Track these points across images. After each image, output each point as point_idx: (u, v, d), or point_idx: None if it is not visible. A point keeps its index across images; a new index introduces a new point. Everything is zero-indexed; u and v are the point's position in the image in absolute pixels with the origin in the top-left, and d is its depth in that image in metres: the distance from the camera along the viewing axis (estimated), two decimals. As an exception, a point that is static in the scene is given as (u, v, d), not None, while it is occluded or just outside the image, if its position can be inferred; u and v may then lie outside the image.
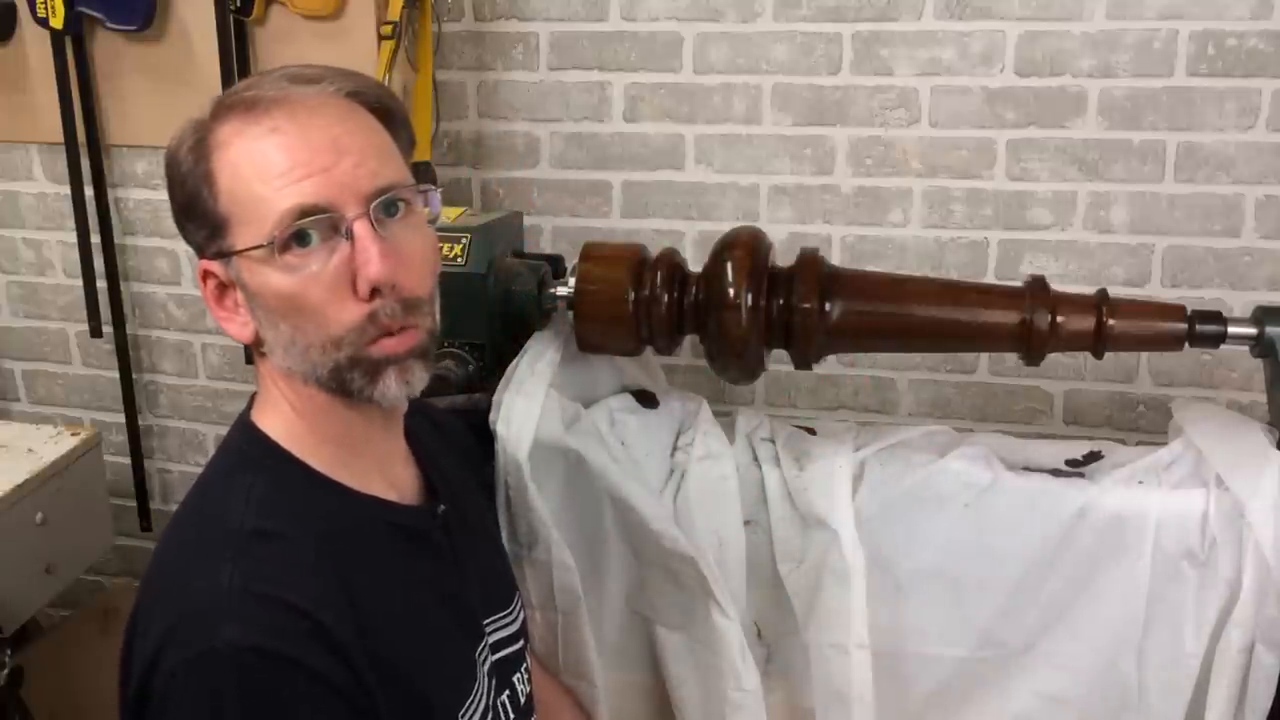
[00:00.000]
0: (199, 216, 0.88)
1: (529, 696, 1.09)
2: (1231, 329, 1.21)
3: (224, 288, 0.90)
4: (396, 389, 0.89)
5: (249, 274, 0.87)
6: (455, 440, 1.16)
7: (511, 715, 1.03)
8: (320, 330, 0.86)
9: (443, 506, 1.00)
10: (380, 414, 0.93)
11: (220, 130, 0.87)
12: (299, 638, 0.81)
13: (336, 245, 0.85)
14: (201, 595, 0.82)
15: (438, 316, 0.93)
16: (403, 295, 0.87)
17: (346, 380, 0.88)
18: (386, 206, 0.87)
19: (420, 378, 0.90)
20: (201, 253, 0.90)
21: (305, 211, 0.84)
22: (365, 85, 0.92)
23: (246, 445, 0.93)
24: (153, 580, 0.88)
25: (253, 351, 0.94)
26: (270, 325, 0.88)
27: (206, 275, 0.90)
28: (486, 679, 0.99)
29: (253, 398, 0.97)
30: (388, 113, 0.92)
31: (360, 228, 0.85)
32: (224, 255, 0.87)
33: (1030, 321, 1.22)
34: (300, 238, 0.84)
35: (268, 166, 0.85)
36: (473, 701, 0.95)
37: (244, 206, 0.85)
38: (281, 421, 0.92)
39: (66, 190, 1.86)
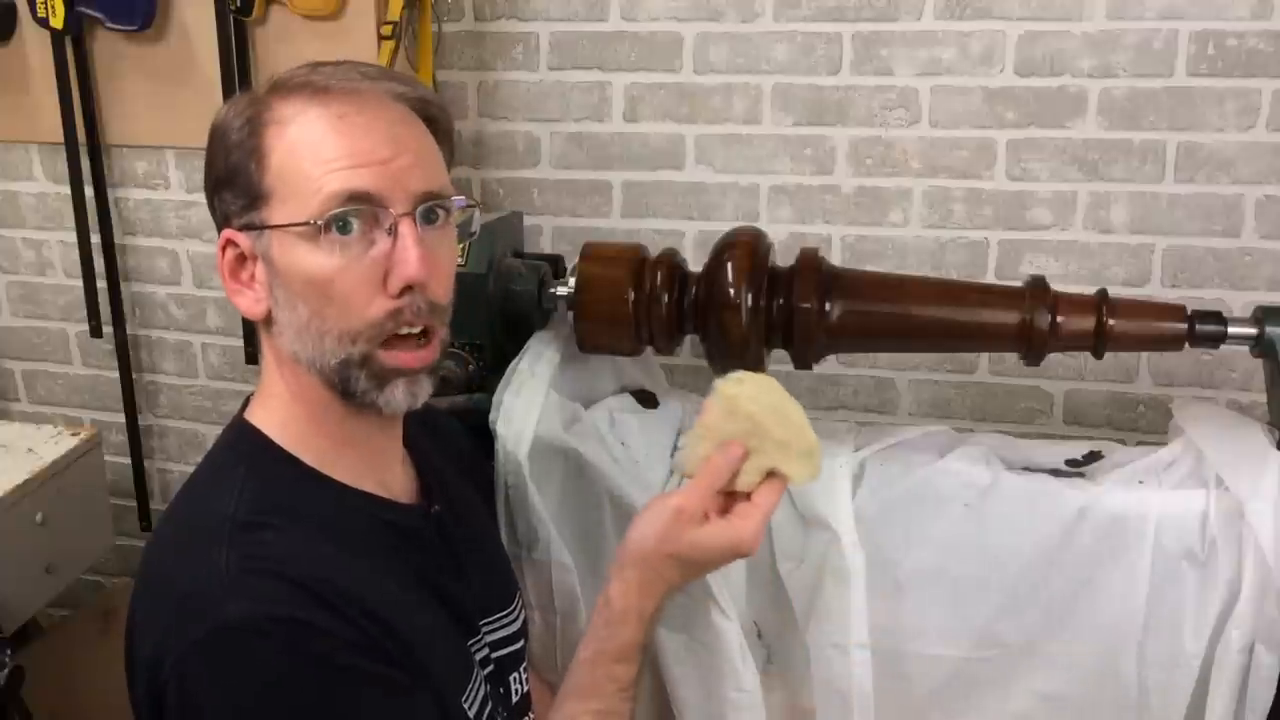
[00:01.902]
0: (238, 186, 0.88)
1: (525, 695, 1.09)
2: (1231, 329, 1.22)
3: (242, 260, 0.90)
4: (402, 400, 0.90)
5: (280, 250, 0.87)
6: (453, 442, 1.16)
7: (507, 715, 1.04)
8: (341, 319, 0.87)
9: (436, 507, 1.00)
10: (378, 415, 0.93)
11: (280, 108, 0.87)
12: (306, 604, 0.82)
13: (376, 238, 0.87)
14: (200, 581, 0.83)
15: (449, 326, 0.94)
16: (428, 299, 0.89)
17: (351, 379, 0.88)
18: (429, 212, 0.89)
19: (426, 390, 0.92)
20: (227, 222, 0.90)
21: (354, 197, 0.85)
22: (426, 94, 0.93)
23: (239, 441, 0.93)
24: (148, 576, 0.89)
25: (259, 331, 0.94)
26: (288, 305, 0.88)
27: (227, 245, 0.90)
28: (482, 675, 0.99)
29: (248, 398, 0.97)
30: (435, 123, 0.94)
31: (405, 226, 0.87)
32: (256, 228, 0.88)
33: (1030, 321, 1.22)
34: (342, 222, 0.85)
35: (325, 149, 0.86)
36: (472, 689, 0.96)
37: (290, 183, 0.86)
38: (276, 416, 0.93)
39: (66, 190, 1.86)
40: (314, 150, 0.86)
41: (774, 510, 1.01)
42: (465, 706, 0.94)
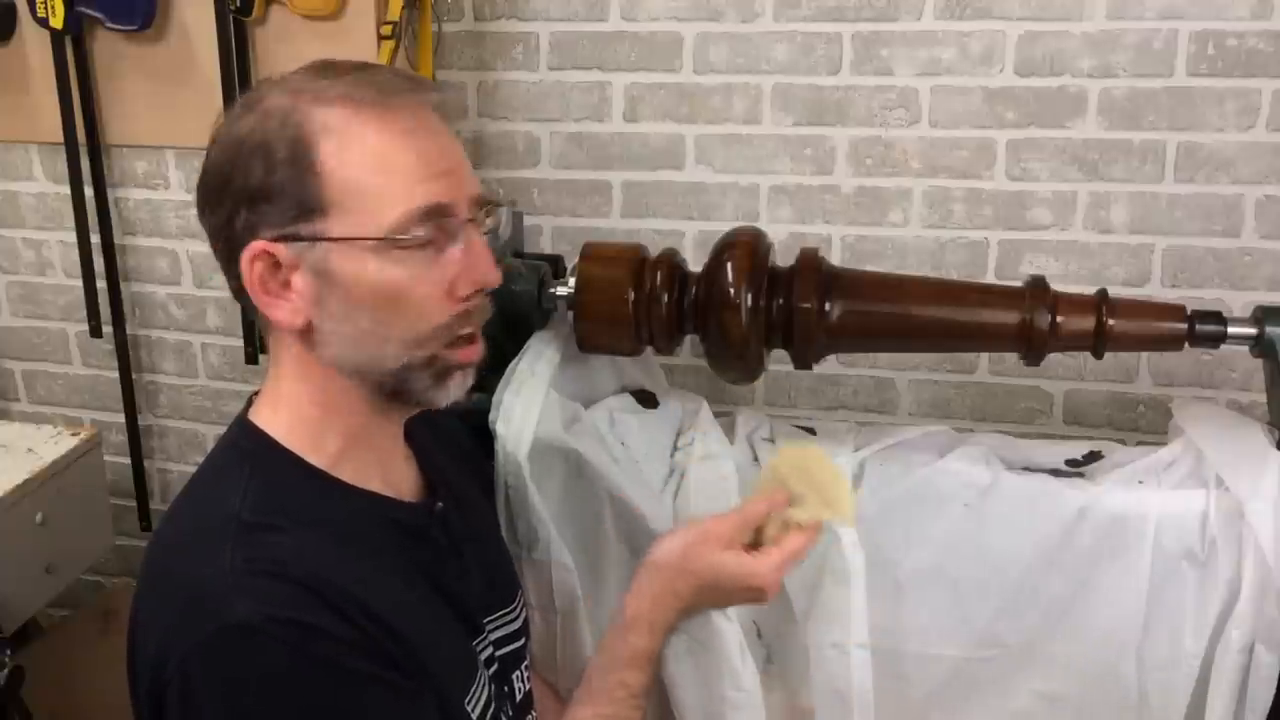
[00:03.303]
0: (286, 197, 0.86)
1: (528, 693, 1.09)
2: (1231, 329, 1.22)
3: (274, 270, 0.88)
4: (456, 393, 0.93)
5: (341, 262, 0.86)
6: (454, 440, 1.16)
7: (510, 713, 1.04)
8: (410, 326, 0.88)
9: (440, 504, 1.00)
10: (403, 415, 0.96)
11: (327, 117, 0.86)
12: (311, 606, 0.82)
13: (444, 246, 0.88)
14: (204, 580, 0.83)
15: None
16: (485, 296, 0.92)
17: (412, 379, 0.90)
18: (481, 215, 0.91)
19: (471, 381, 0.94)
20: (253, 234, 0.87)
21: (431, 211, 0.87)
22: (444, 97, 0.94)
23: (242, 441, 0.93)
24: (150, 575, 0.88)
25: (275, 338, 0.92)
26: (342, 316, 0.88)
27: (259, 256, 0.87)
28: (487, 674, 1.00)
29: (250, 399, 0.97)
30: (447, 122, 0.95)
31: (473, 232, 0.89)
32: (303, 239, 0.86)
33: (1030, 321, 1.22)
34: (422, 234, 0.86)
35: (394, 162, 0.86)
36: (476, 689, 0.96)
37: (356, 196, 0.86)
38: (284, 418, 0.92)
39: (66, 190, 1.86)
40: (382, 163, 0.86)
41: (796, 558, 1.03)
42: (468, 707, 0.94)
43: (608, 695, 1.03)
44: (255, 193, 0.87)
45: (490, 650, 1.03)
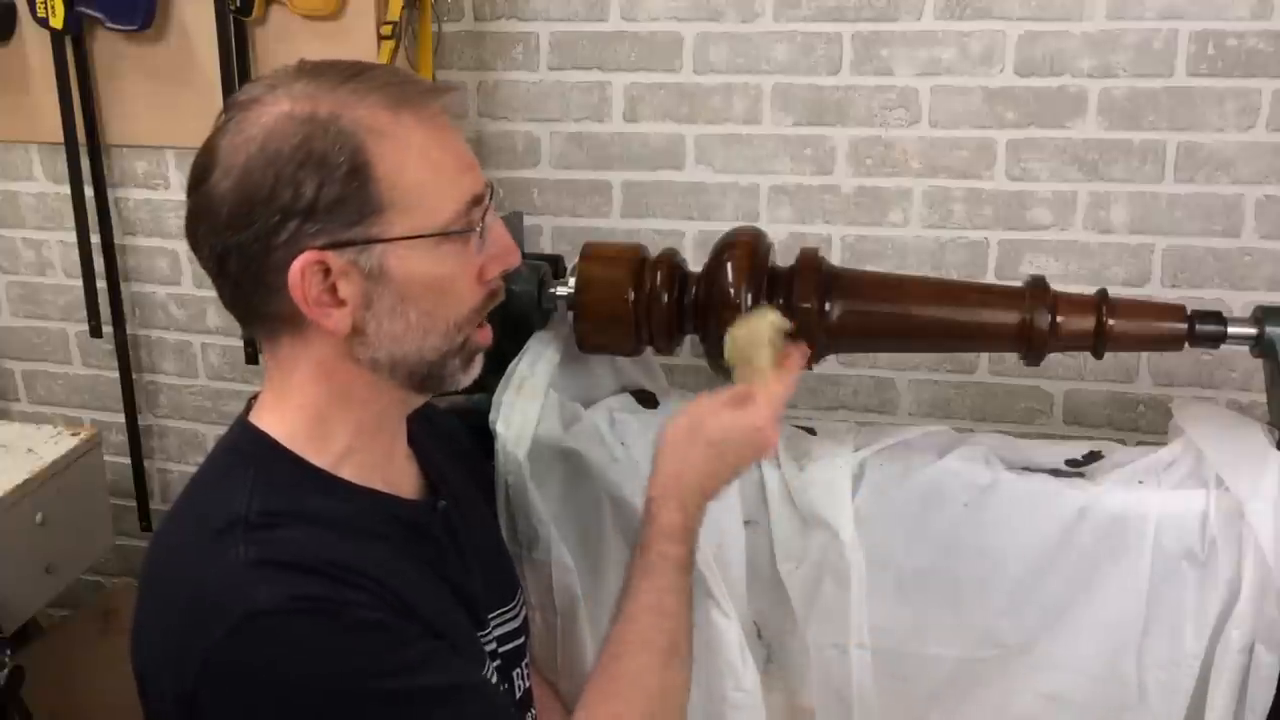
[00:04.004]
0: (343, 205, 0.84)
1: (528, 691, 1.10)
2: (1231, 329, 1.21)
3: (325, 277, 0.86)
4: (476, 372, 0.97)
5: (399, 260, 0.87)
6: (453, 439, 1.16)
7: (511, 710, 1.04)
8: (454, 313, 0.91)
9: (443, 502, 1.01)
10: (414, 407, 0.98)
11: (369, 120, 0.85)
12: (330, 585, 0.83)
13: (478, 233, 0.91)
14: (217, 578, 0.83)
15: None
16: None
17: (447, 365, 0.93)
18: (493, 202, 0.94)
19: (481, 365, 0.98)
20: (301, 244, 0.84)
21: (477, 200, 0.91)
22: (458, 99, 0.96)
23: (244, 444, 0.93)
24: (154, 577, 0.88)
25: (298, 341, 0.90)
26: (392, 314, 0.88)
27: (311, 266, 0.84)
28: (492, 667, 1.00)
29: (250, 401, 0.97)
30: None
31: (494, 218, 0.93)
32: (359, 243, 0.85)
33: (1030, 321, 1.22)
34: (474, 223, 0.90)
35: (438, 158, 0.89)
36: (486, 675, 0.97)
37: (410, 195, 0.87)
38: (286, 420, 0.92)
39: (66, 190, 1.86)
40: (429, 161, 0.88)
41: (785, 399, 1.08)
42: None
43: (656, 569, 1.03)
44: (310, 205, 0.84)
45: (493, 646, 1.03)
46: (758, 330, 1.10)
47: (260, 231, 0.84)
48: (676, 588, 1.03)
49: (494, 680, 0.99)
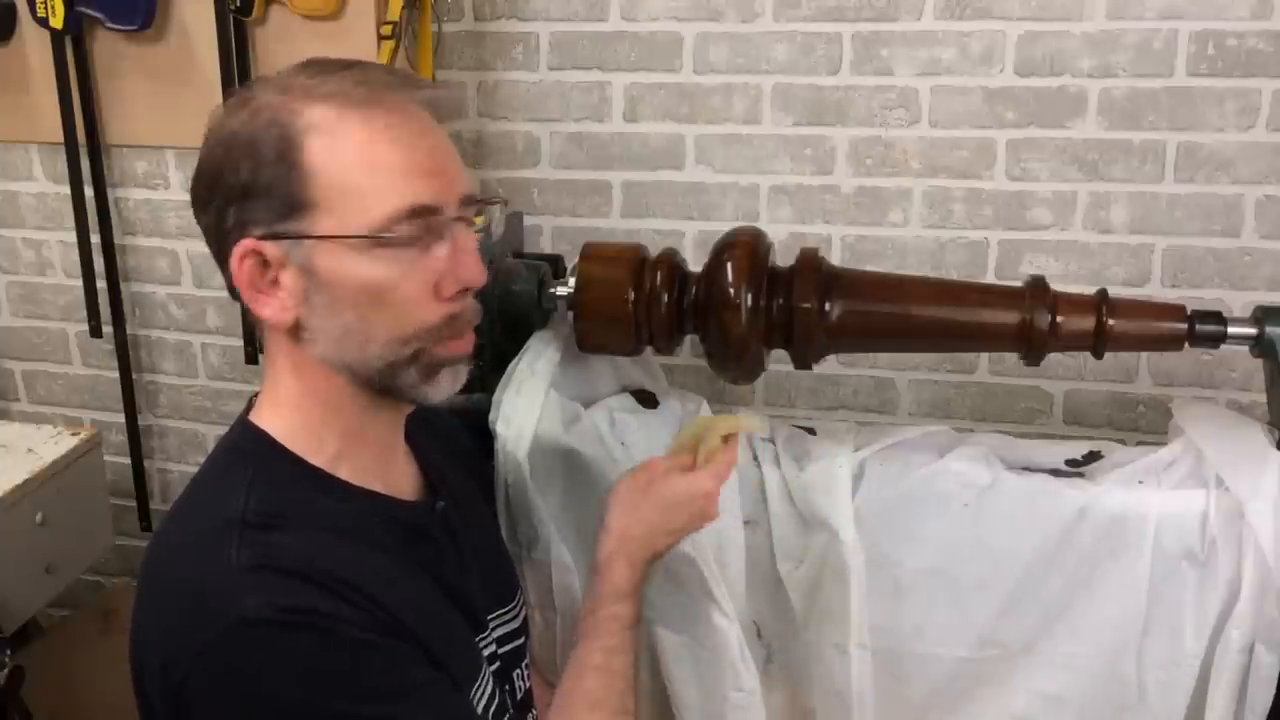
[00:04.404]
0: (273, 196, 0.86)
1: (528, 692, 1.10)
2: (1231, 329, 1.22)
3: (264, 268, 0.88)
4: (447, 389, 0.92)
5: (326, 259, 0.86)
6: (453, 439, 1.16)
7: (512, 711, 1.04)
8: (394, 325, 0.88)
9: (442, 503, 1.01)
10: (399, 412, 0.95)
11: (313, 115, 0.86)
12: (322, 597, 0.82)
13: (431, 245, 0.88)
14: (210, 580, 0.83)
15: None
16: (473, 297, 0.92)
17: (399, 376, 0.90)
18: (470, 214, 0.91)
19: (464, 377, 0.94)
20: (242, 231, 0.87)
21: (419, 210, 0.87)
22: (437, 95, 0.93)
23: (244, 443, 0.93)
24: (153, 576, 0.88)
25: (270, 336, 0.93)
26: (329, 313, 0.88)
27: (248, 254, 0.87)
28: (490, 671, 1.00)
29: (251, 400, 0.97)
30: (443, 121, 0.94)
31: (460, 230, 0.89)
32: (290, 237, 0.86)
33: (1030, 321, 1.22)
34: (404, 233, 0.86)
35: (380, 160, 0.86)
36: (480, 684, 0.96)
37: (341, 194, 0.86)
38: (284, 418, 0.93)
39: (66, 190, 1.86)
40: (367, 162, 0.86)
41: (728, 469, 1.12)
42: (474, 701, 0.94)
43: (604, 630, 1.06)
44: (244, 190, 0.87)
45: (493, 648, 1.03)
46: (717, 425, 1.13)
47: (215, 215, 0.89)
48: (624, 648, 1.06)
49: (491, 686, 0.99)
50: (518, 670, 1.08)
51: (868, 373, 1.75)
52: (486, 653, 1.01)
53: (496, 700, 0.99)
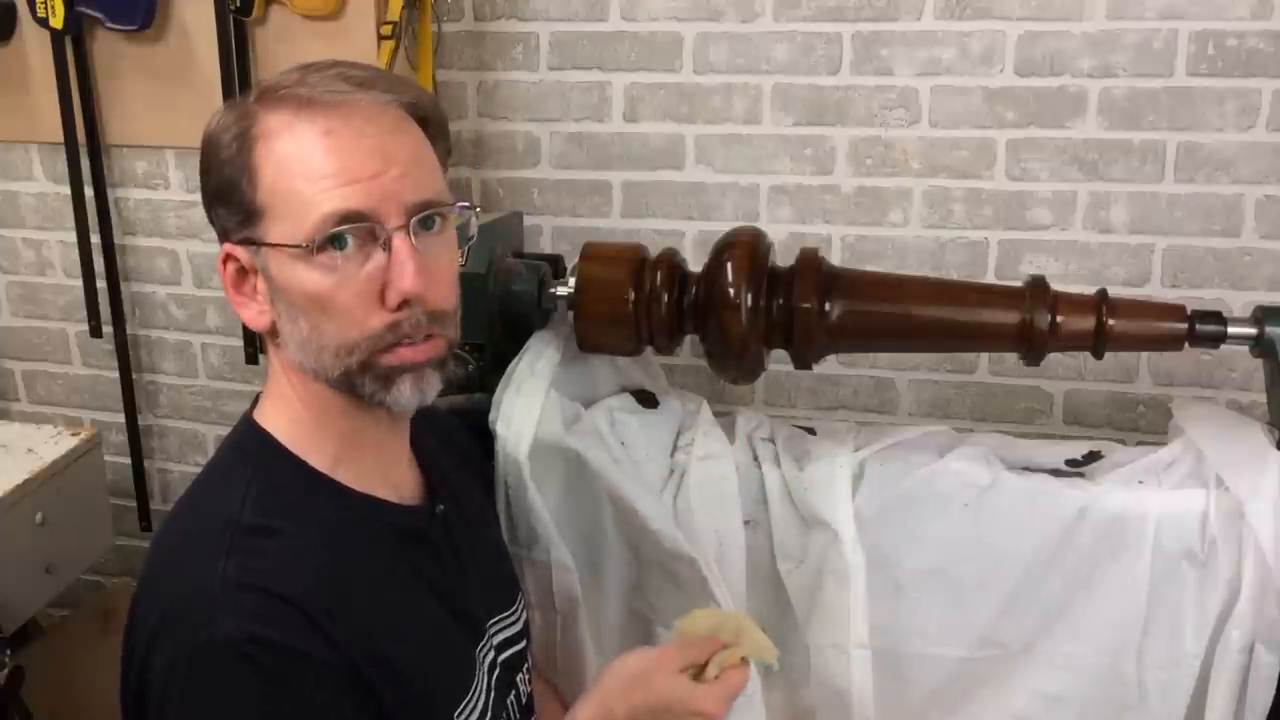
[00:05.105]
0: (233, 202, 0.87)
1: (530, 696, 1.09)
2: (1231, 329, 1.22)
3: (243, 273, 0.89)
4: (410, 396, 0.89)
5: (277, 267, 0.87)
6: (455, 441, 1.16)
7: (515, 715, 1.04)
8: (339, 334, 0.87)
9: (442, 507, 1.00)
10: (388, 416, 0.94)
11: (268, 120, 0.86)
12: (295, 628, 0.82)
13: (371, 253, 0.86)
14: (195, 588, 0.83)
15: (458, 327, 0.94)
16: (429, 308, 0.88)
17: (357, 385, 0.89)
18: (425, 221, 0.88)
19: (434, 386, 0.91)
20: (227, 237, 0.89)
21: (347, 217, 0.84)
22: (416, 96, 0.92)
23: (246, 442, 0.93)
24: (149, 574, 0.89)
25: (265, 341, 0.94)
26: (289, 319, 0.88)
27: (228, 259, 0.89)
28: (488, 678, 0.99)
29: (257, 397, 0.97)
30: (428, 123, 0.92)
31: (399, 240, 0.86)
32: (253, 244, 0.87)
33: (1030, 321, 1.22)
34: (337, 241, 0.85)
35: (315, 167, 0.85)
36: (471, 699, 0.95)
37: (283, 201, 0.85)
38: (285, 418, 0.93)
39: (66, 190, 1.86)
40: (303, 168, 0.85)
41: (738, 691, 1.01)
42: (463, 716, 0.94)
43: None
44: (214, 193, 0.89)
45: (493, 654, 1.02)
46: (741, 641, 1.04)
47: (209, 216, 0.91)
48: None
49: (485, 698, 0.98)
50: (520, 674, 1.07)
51: (868, 373, 1.75)
52: (485, 660, 1.00)
53: (490, 712, 0.98)
